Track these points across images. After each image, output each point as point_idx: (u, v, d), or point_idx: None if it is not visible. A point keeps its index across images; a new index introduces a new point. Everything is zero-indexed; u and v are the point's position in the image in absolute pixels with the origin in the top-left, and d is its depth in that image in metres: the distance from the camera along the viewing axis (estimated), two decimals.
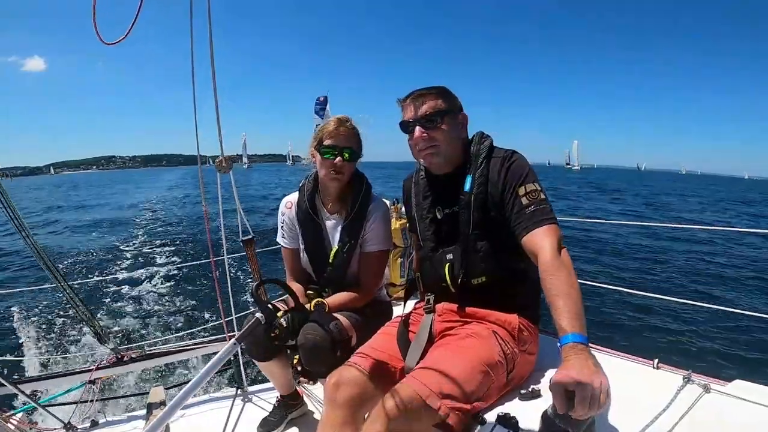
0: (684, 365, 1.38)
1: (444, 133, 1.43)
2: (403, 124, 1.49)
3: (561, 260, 1.16)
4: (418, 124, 1.43)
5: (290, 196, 1.92)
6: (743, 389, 1.23)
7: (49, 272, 2.00)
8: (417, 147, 1.46)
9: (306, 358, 1.50)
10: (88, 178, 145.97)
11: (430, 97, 1.44)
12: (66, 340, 5.44)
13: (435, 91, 1.45)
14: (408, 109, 1.47)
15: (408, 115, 1.46)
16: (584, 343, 0.96)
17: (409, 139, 1.49)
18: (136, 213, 20.91)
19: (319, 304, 1.65)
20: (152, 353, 2.42)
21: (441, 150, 1.44)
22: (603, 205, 25.57)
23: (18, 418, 2.04)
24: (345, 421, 1.21)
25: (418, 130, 1.43)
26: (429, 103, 1.43)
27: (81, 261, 10.44)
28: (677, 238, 12.51)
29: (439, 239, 1.50)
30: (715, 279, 8.60)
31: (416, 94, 1.46)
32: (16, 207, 1.84)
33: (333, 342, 1.51)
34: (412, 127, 1.45)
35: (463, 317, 1.43)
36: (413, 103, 1.45)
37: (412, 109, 1.45)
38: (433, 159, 1.46)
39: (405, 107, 1.48)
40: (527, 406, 1.22)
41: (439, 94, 1.45)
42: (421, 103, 1.44)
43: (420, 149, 1.46)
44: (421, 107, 1.43)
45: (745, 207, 29.08)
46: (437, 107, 1.43)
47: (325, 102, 18.33)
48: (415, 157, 1.53)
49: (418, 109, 1.44)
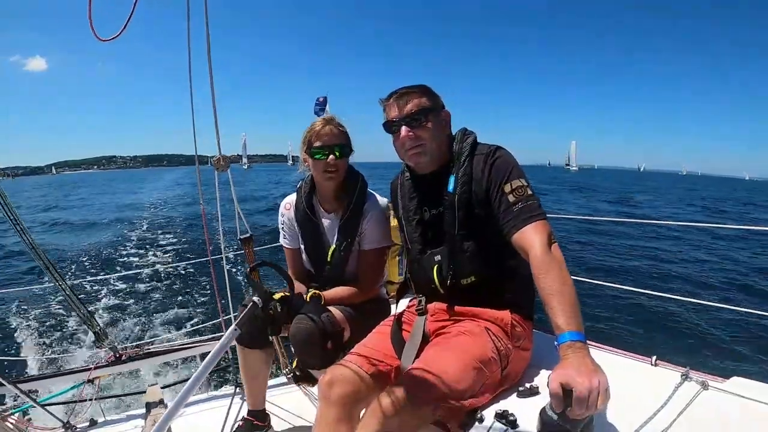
0: (682, 362, 1.38)
1: (430, 132, 1.40)
2: (387, 124, 1.45)
3: (552, 257, 1.15)
4: (404, 123, 1.40)
5: (289, 198, 1.94)
6: (741, 386, 1.23)
7: (48, 271, 1.99)
8: (404, 147, 1.43)
9: (297, 348, 1.53)
10: (88, 177, 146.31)
11: (413, 95, 1.41)
12: (64, 339, 5.45)
13: (418, 89, 1.43)
14: (392, 109, 1.43)
15: (392, 114, 1.43)
16: (582, 340, 0.95)
17: (395, 139, 1.46)
18: (135, 212, 20.93)
19: (315, 296, 1.65)
20: (150, 352, 2.42)
21: (427, 149, 1.41)
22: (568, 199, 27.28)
23: (16, 417, 2.04)
24: (339, 419, 1.21)
25: (404, 130, 1.40)
26: (413, 101, 1.40)
27: (79, 260, 10.45)
28: (674, 236, 12.57)
29: (426, 240, 1.48)
30: (713, 276, 8.63)
31: (400, 92, 1.43)
32: (13, 206, 1.83)
33: (324, 333, 1.51)
34: (397, 126, 1.42)
35: (455, 316, 1.42)
36: (397, 102, 1.42)
37: (396, 108, 1.42)
38: (420, 158, 1.43)
39: (388, 107, 1.45)
40: (525, 404, 1.22)
41: (422, 92, 1.42)
42: (405, 102, 1.40)
43: (407, 149, 1.42)
44: (405, 106, 1.40)
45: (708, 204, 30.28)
46: (422, 105, 1.40)
47: (324, 102, 18.33)
48: (401, 157, 1.50)
49: (403, 108, 1.40)
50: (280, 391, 2.25)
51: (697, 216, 22.01)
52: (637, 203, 28.26)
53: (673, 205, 28.87)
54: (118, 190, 44.99)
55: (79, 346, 5.15)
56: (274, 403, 2.10)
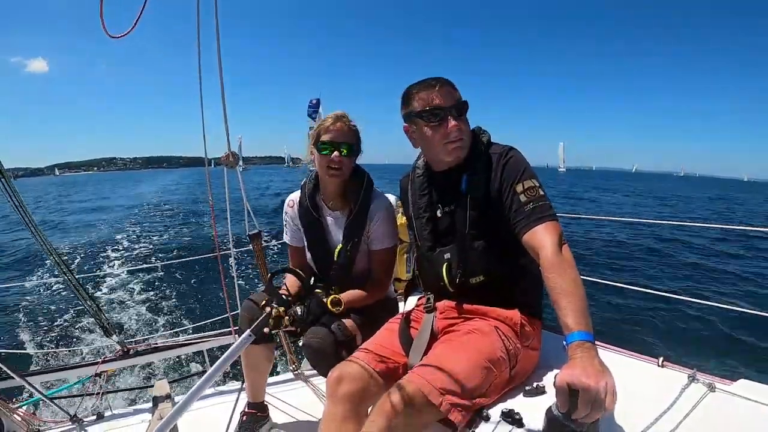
0: (689, 364, 1.38)
1: (468, 126, 1.40)
2: (428, 112, 1.36)
3: (563, 257, 1.15)
4: (453, 113, 1.34)
5: (293, 195, 1.91)
6: (748, 389, 1.22)
7: (58, 266, 2.01)
8: (449, 137, 1.35)
9: (311, 359, 1.54)
10: (90, 178, 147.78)
11: (453, 87, 1.37)
12: (72, 333, 5.50)
13: (451, 82, 1.39)
14: (435, 97, 1.35)
15: (436, 101, 1.34)
16: (591, 341, 0.95)
17: (431, 130, 1.37)
18: (141, 210, 21.08)
19: (336, 300, 1.63)
20: (158, 346, 2.44)
21: (466, 143, 1.39)
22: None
23: (25, 410, 2.07)
24: (346, 416, 1.21)
25: (452, 120, 1.34)
26: (454, 93, 1.37)
27: (87, 255, 10.54)
28: (684, 236, 12.49)
29: (436, 238, 1.47)
30: (722, 277, 8.56)
31: (442, 81, 1.37)
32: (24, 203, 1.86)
33: (336, 343, 1.52)
34: (444, 114, 1.34)
35: (464, 314, 1.42)
36: (441, 90, 1.35)
37: (442, 97, 1.34)
38: (460, 153, 1.38)
39: (428, 95, 1.36)
40: (532, 403, 1.22)
41: (454, 86, 1.39)
42: (449, 91, 1.36)
43: (451, 140, 1.36)
44: (452, 95, 1.35)
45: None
46: (462, 98, 1.37)
47: (317, 104, 18.38)
48: (434, 151, 1.42)
49: (448, 96, 1.35)
50: (286, 387, 2.26)
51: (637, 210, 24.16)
52: (581, 199, 32.14)
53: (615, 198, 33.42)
54: (120, 189, 45.49)
55: (87, 340, 5.20)
56: (281, 398, 2.12)
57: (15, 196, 1.72)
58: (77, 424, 2.03)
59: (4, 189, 1.67)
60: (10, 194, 1.70)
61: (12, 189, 1.69)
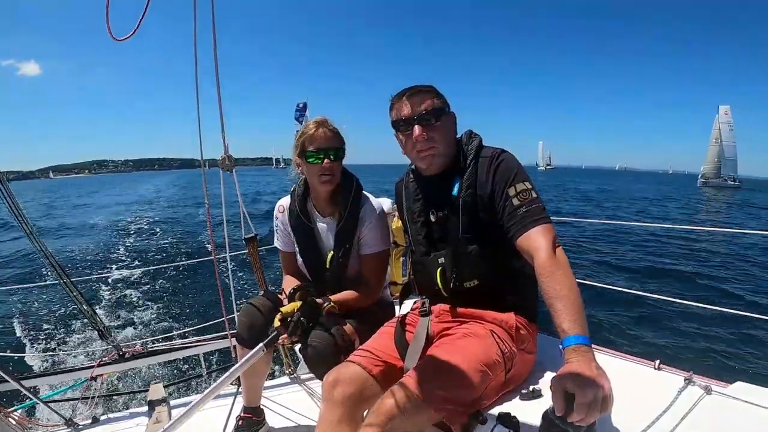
0: (685, 367, 1.38)
1: (441, 133, 1.39)
2: (398, 123, 1.42)
3: (557, 260, 1.15)
4: (418, 123, 1.37)
5: (283, 200, 1.91)
6: (745, 391, 1.22)
7: (54, 270, 2.00)
8: (416, 147, 1.40)
9: (310, 365, 1.54)
10: (82, 182, 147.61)
11: (426, 94, 1.39)
12: (68, 336, 5.47)
13: (429, 89, 1.41)
14: (404, 107, 1.39)
15: (404, 112, 1.39)
16: (587, 344, 0.95)
17: (405, 139, 1.43)
18: (135, 213, 21.03)
19: (333, 309, 1.64)
20: (154, 350, 2.43)
21: (438, 150, 1.40)
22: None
23: (19, 414, 2.05)
24: (342, 419, 1.20)
25: (418, 129, 1.37)
26: (426, 101, 1.38)
27: (82, 259, 10.50)
28: (678, 239, 12.53)
29: (431, 242, 1.48)
30: (717, 280, 8.58)
31: (413, 90, 1.40)
32: (21, 206, 1.85)
33: (336, 348, 1.52)
34: (409, 125, 1.38)
35: (459, 318, 1.42)
36: (410, 100, 1.38)
37: (409, 107, 1.38)
38: (431, 160, 1.41)
39: (399, 105, 1.41)
40: (528, 406, 1.22)
41: (433, 92, 1.41)
42: (419, 101, 1.38)
43: (419, 149, 1.40)
44: (419, 105, 1.37)
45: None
46: (434, 105, 1.38)
47: (304, 108, 18.38)
48: (411, 158, 1.48)
49: (416, 106, 1.37)
50: (282, 391, 2.25)
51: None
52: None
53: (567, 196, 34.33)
54: (113, 193, 45.41)
55: (83, 344, 5.17)
56: (277, 402, 2.11)
57: (11, 200, 1.72)
58: (73, 428, 2.02)
59: (1, 193, 1.67)
60: (6, 198, 1.69)
61: (8, 193, 1.69)
